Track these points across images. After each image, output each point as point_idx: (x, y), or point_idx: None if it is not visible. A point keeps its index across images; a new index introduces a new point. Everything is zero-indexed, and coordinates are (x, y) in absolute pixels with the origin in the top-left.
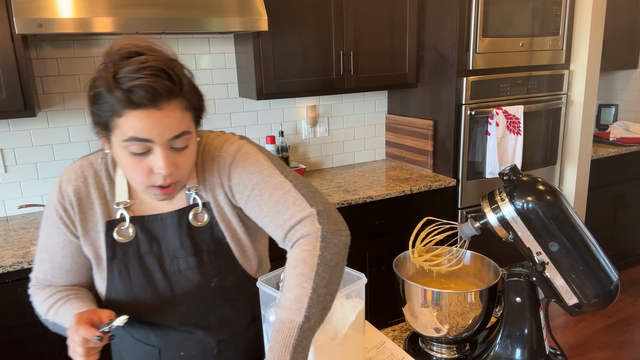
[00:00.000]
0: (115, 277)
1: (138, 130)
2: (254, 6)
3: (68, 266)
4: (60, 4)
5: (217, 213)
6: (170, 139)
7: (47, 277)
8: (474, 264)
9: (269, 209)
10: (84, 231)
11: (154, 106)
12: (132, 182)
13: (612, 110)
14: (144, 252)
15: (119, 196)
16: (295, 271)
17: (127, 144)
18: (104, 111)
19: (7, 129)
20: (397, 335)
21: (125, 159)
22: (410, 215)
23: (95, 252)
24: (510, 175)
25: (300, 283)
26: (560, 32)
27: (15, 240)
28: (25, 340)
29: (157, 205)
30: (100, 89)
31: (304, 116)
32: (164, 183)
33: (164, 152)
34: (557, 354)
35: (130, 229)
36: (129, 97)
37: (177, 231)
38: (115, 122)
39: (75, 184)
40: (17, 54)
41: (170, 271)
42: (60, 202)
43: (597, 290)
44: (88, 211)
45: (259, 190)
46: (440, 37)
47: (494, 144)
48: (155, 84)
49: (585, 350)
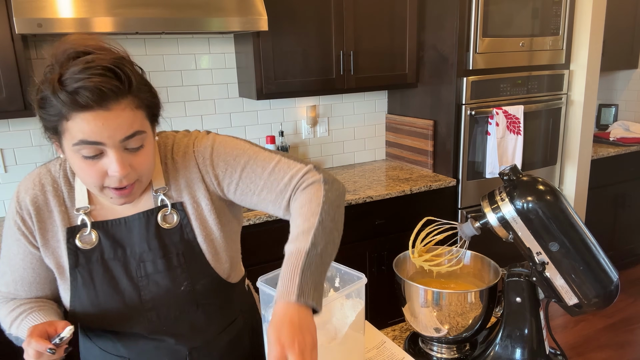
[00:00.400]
0: (79, 286)
1: (87, 133)
2: (254, 6)
3: (30, 278)
4: (60, 4)
5: (193, 211)
6: (122, 140)
7: (10, 291)
8: (474, 264)
9: (265, 181)
10: (44, 241)
11: (101, 107)
12: (87, 186)
13: (612, 110)
14: (108, 258)
15: (79, 202)
16: (302, 210)
17: (78, 147)
18: (51, 115)
19: (7, 129)
20: (397, 335)
21: (77, 163)
22: (410, 215)
23: (56, 262)
24: (510, 175)
25: (307, 218)
26: (560, 32)
27: None
28: None
29: (120, 209)
30: (46, 92)
31: (304, 116)
32: (119, 185)
33: (117, 154)
34: (557, 354)
35: (93, 234)
36: (75, 99)
37: (144, 234)
38: (64, 126)
39: (33, 193)
40: (17, 54)
41: (137, 276)
42: (18, 212)
43: (597, 290)
44: (47, 220)
45: (250, 167)
46: (440, 37)
47: (494, 144)
48: (101, 84)
49: (585, 350)
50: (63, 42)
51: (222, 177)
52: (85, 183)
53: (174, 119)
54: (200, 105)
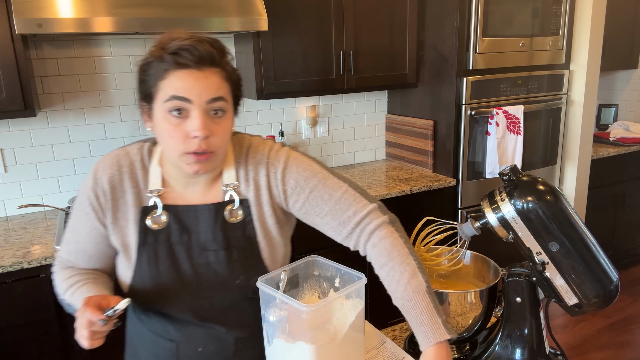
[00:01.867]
0: (143, 264)
1: (179, 89)
2: (254, 6)
3: (91, 252)
4: (60, 4)
5: (256, 212)
6: (208, 102)
7: (71, 259)
8: (474, 264)
9: (330, 208)
10: (114, 219)
11: (196, 67)
12: (169, 150)
13: (612, 110)
14: (174, 241)
15: (152, 184)
16: (393, 258)
17: (168, 104)
18: (150, 77)
19: (7, 129)
20: (397, 335)
21: (164, 125)
22: (410, 215)
23: (123, 240)
24: (510, 175)
25: (403, 261)
26: (560, 32)
27: (15, 240)
28: (25, 340)
29: (190, 197)
30: (150, 57)
31: (304, 116)
32: (199, 149)
33: (200, 114)
34: (557, 354)
35: (164, 216)
36: (176, 58)
37: (211, 224)
38: (159, 86)
39: (110, 172)
40: (17, 54)
41: (198, 263)
42: (93, 188)
43: (597, 290)
44: (119, 199)
45: (318, 191)
46: (440, 37)
47: (494, 144)
48: (200, 47)
49: (585, 350)
50: (164, 34)
51: (290, 194)
52: (169, 148)
53: None
54: None
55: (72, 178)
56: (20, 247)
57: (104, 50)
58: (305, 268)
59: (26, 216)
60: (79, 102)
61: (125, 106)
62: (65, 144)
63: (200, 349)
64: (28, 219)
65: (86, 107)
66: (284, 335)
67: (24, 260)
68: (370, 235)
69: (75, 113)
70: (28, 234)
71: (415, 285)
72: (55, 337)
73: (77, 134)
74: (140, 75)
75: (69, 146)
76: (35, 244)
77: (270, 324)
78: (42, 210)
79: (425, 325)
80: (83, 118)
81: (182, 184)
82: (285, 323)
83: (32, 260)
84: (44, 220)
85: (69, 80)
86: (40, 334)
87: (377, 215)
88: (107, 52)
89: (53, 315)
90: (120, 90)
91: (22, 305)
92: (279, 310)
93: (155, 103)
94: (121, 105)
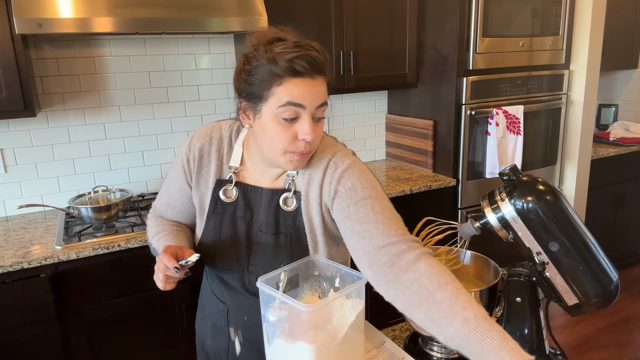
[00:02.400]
0: (210, 228)
1: (296, 96)
2: (254, 6)
3: (177, 207)
4: (60, 4)
5: (304, 204)
6: (318, 107)
7: (162, 210)
8: (474, 264)
9: (375, 221)
10: (197, 183)
11: (310, 76)
12: (272, 148)
13: (612, 110)
14: (238, 215)
15: (233, 161)
16: (447, 284)
17: (282, 109)
18: (263, 81)
19: (7, 129)
20: (397, 335)
21: (273, 126)
22: (410, 215)
23: (200, 203)
24: (510, 175)
25: (458, 289)
26: (560, 32)
27: (15, 240)
28: (25, 340)
29: (260, 179)
30: (260, 61)
31: None
32: (305, 150)
33: (310, 120)
34: (557, 354)
35: (234, 191)
36: (292, 66)
37: (267, 208)
38: (273, 90)
39: (202, 142)
40: (17, 54)
41: (252, 240)
42: (186, 153)
43: (597, 290)
44: (205, 167)
45: (371, 203)
46: (440, 37)
47: (494, 144)
48: (315, 57)
49: (585, 350)
50: (259, 32)
51: (340, 194)
52: (273, 146)
53: (174, 119)
54: (200, 105)
55: (72, 178)
56: (20, 247)
57: (104, 50)
58: (305, 268)
59: (26, 216)
60: (79, 102)
61: (125, 106)
62: (65, 144)
63: (246, 318)
64: (28, 219)
65: (86, 107)
66: (284, 335)
67: (24, 260)
68: (420, 255)
69: (75, 113)
70: (28, 234)
71: (476, 312)
72: (55, 337)
73: (77, 134)
74: (246, 75)
75: (69, 146)
76: (35, 244)
77: (270, 323)
78: (42, 210)
79: (503, 353)
80: (83, 118)
81: (259, 168)
82: (285, 323)
83: (32, 260)
84: (44, 220)
85: (69, 80)
86: (40, 334)
87: (419, 246)
88: (107, 52)
89: (53, 315)
90: (120, 90)
91: (22, 305)
92: (279, 310)
93: (266, 105)
94: (121, 105)
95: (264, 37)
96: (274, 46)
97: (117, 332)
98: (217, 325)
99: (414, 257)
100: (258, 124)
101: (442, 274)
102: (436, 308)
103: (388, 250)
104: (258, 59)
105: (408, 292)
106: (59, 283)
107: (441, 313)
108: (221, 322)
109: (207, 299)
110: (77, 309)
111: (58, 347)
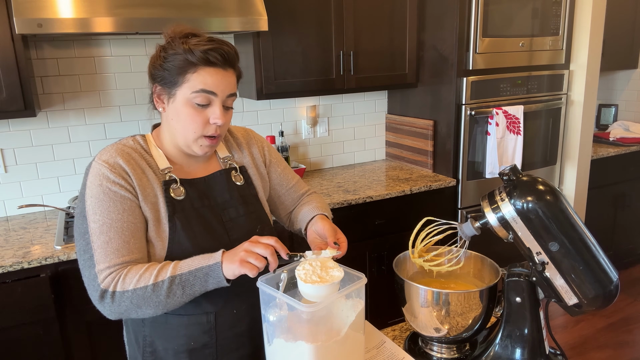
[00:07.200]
0: (178, 231)
1: (209, 84)
2: (254, 6)
3: (138, 234)
4: (60, 4)
5: (255, 172)
6: (228, 96)
7: (124, 254)
8: (474, 264)
9: (294, 185)
10: (144, 194)
11: (222, 67)
12: (186, 131)
13: (612, 110)
14: (197, 206)
15: (161, 164)
16: (320, 202)
17: (195, 95)
18: (178, 68)
19: (7, 129)
20: (397, 335)
21: (187, 110)
22: (410, 215)
23: (154, 213)
24: (510, 175)
25: (325, 204)
26: (560, 32)
27: (15, 240)
28: (25, 340)
29: (195, 171)
30: (176, 50)
31: (304, 116)
32: (215, 133)
33: (220, 106)
34: (557, 354)
35: (181, 188)
36: (207, 57)
37: (224, 185)
38: (188, 77)
39: (122, 156)
40: (17, 54)
41: (224, 220)
42: (112, 172)
43: (597, 290)
44: (142, 176)
45: (287, 169)
46: (440, 37)
47: (494, 144)
48: (227, 51)
49: (585, 350)
50: (175, 26)
51: (270, 164)
52: (186, 129)
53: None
54: None
55: (72, 178)
56: (20, 247)
57: (104, 50)
58: None
59: (26, 216)
60: (79, 102)
61: (126, 106)
62: (66, 144)
63: (235, 311)
64: (28, 219)
65: (86, 107)
66: (284, 335)
67: (24, 260)
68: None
69: (76, 113)
70: (28, 234)
71: (327, 212)
72: (55, 337)
73: (77, 134)
74: (162, 61)
75: (69, 146)
76: (35, 244)
77: (271, 323)
78: (42, 210)
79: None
80: (83, 118)
81: (184, 162)
82: (285, 323)
83: (32, 260)
84: (44, 220)
85: (69, 80)
86: (40, 334)
87: (314, 192)
88: (107, 52)
89: (53, 315)
90: (120, 90)
91: (22, 305)
92: (279, 310)
93: (180, 90)
94: (121, 105)
95: (180, 31)
96: (189, 39)
97: (117, 332)
98: (196, 348)
99: (306, 191)
100: (172, 108)
101: (322, 201)
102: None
103: (298, 195)
104: (174, 48)
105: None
106: (59, 283)
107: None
108: (205, 339)
109: (173, 330)
110: (77, 309)
111: (58, 347)
